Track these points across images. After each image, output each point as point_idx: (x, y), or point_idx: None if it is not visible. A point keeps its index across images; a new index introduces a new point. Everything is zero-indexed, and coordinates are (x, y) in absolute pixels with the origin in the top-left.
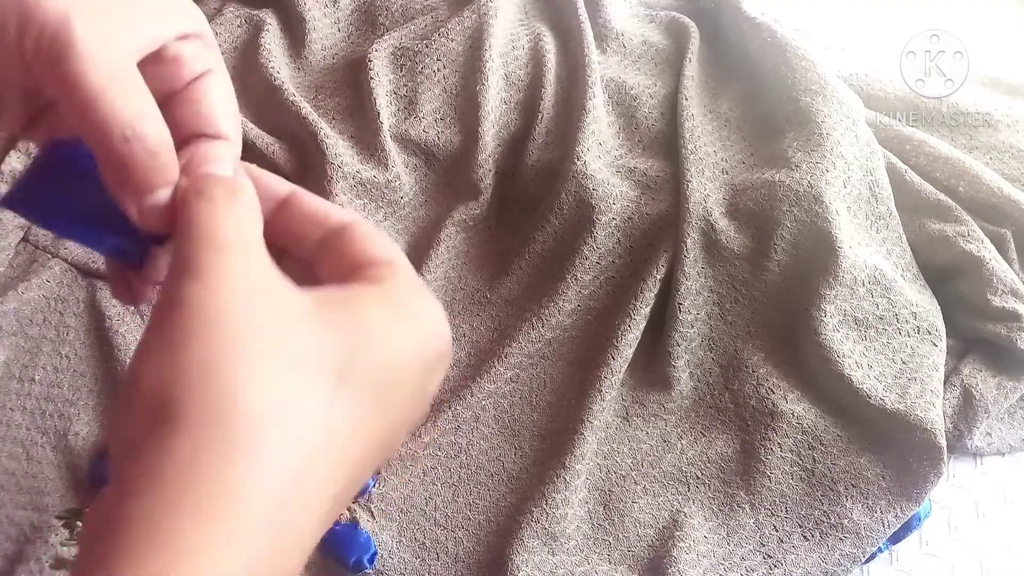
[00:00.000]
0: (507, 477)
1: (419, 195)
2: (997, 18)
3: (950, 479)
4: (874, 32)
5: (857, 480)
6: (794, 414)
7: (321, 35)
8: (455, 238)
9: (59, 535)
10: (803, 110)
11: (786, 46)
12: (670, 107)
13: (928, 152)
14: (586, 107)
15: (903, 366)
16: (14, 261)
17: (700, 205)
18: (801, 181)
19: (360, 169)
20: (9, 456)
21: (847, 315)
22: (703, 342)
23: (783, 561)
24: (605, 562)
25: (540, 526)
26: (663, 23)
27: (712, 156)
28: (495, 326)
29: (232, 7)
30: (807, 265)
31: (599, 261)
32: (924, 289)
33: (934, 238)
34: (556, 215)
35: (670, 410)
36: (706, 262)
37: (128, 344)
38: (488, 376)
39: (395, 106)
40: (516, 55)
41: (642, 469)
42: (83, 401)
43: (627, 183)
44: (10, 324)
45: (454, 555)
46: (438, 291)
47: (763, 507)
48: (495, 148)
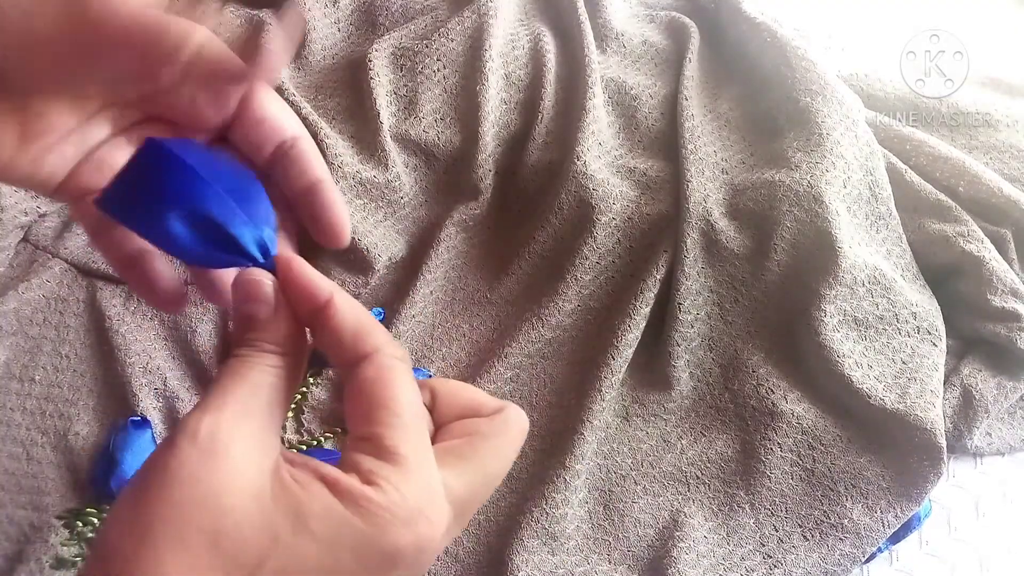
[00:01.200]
0: (507, 477)
1: (419, 195)
2: (997, 18)
3: (950, 479)
4: (874, 32)
5: (857, 480)
6: (794, 414)
7: (321, 35)
8: (455, 238)
9: (59, 535)
10: (803, 110)
11: (786, 46)
12: (670, 107)
13: (928, 152)
14: (586, 107)
15: (903, 366)
16: (14, 261)
17: (700, 205)
18: (801, 181)
19: (360, 169)
20: (9, 456)
21: (847, 315)
22: (703, 342)
23: (783, 561)
24: (605, 562)
25: (540, 526)
26: (663, 23)
27: (712, 156)
28: (495, 326)
29: (232, 7)
30: (807, 265)
31: (599, 261)
32: (924, 289)
33: (934, 238)
34: (556, 215)
35: (670, 410)
36: (706, 262)
37: (128, 344)
38: (488, 376)
39: (395, 106)
40: (516, 55)
41: (642, 469)
42: (83, 401)
43: (627, 183)
44: (10, 324)
45: (454, 555)
46: (438, 291)
47: (763, 507)
48: (495, 148)
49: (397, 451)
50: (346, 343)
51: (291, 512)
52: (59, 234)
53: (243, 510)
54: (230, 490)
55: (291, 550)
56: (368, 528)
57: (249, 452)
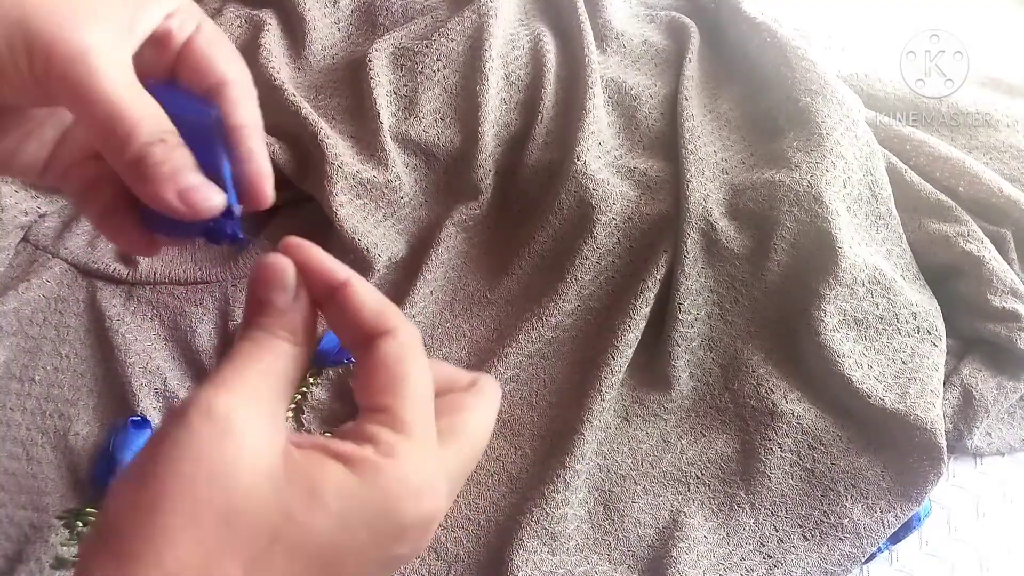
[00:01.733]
0: (507, 477)
1: (419, 195)
2: (997, 18)
3: (950, 479)
4: (874, 32)
5: (857, 480)
6: (794, 414)
7: (321, 35)
8: (455, 238)
9: (59, 535)
10: (803, 110)
11: (786, 46)
12: (670, 107)
13: (928, 152)
14: (586, 107)
15: (903, 366)
16: (14, 261)
17: (700, 205)
18: (801, 181)
19: (360, 169)
20: (9, 456)
21: (847, 315)
22: (703, 342)
23: (783, 561)
24: (605, 562)
25: (540, 526)
26: (663, 23)
27: (712, 156)
28: (495, 326)
29: (232, 7)
30: (807, 265)
31: (599, 261)
32: (924, 289)
33: (934, 238)
34: (556, 215)
35: (670, 410)
36: (706, 262)
37: (128, 344)
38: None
39: (395, 106)
40: (516, 55)
41: (642, 469)
42: (83, 401)
43: (627, 183)
44: (10, 324)
45: (454, 555)
46: (438, 291)
47: (763, 507)
48: (495, 148)
49: (414, 424)
50: (367, 319)
51: (305, 489)
52: (59, 234)
53: (256, 489)
54: (244, 469)
55: (304, 527)
56: (383, 500)
57: (262, 432)
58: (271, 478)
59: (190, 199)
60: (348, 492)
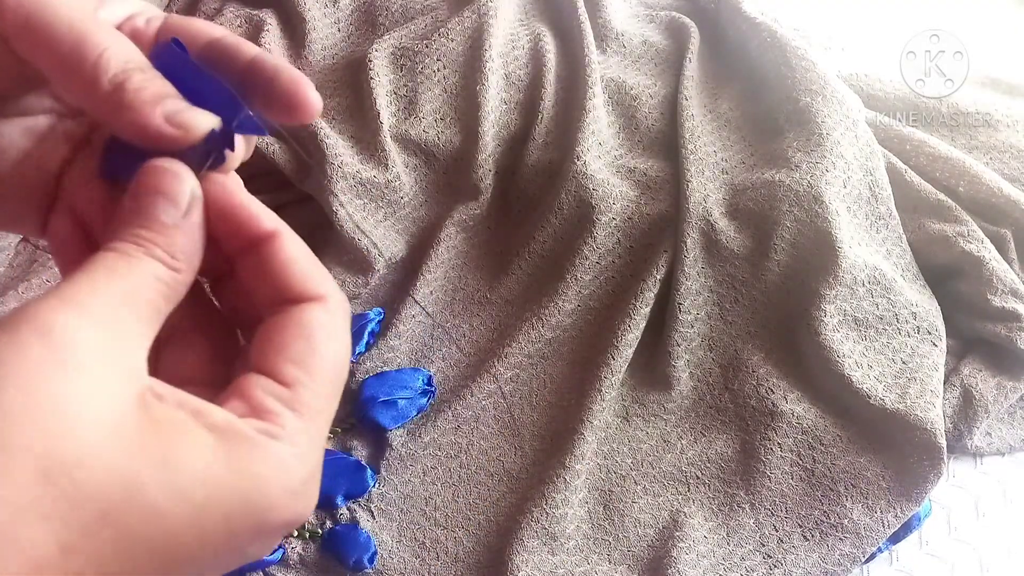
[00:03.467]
0: (507, 477)
1: (419, 195)
2: (997, 18)
3: (950, 479)
4: (874, 32)
5: (857, 480)
6: (794, 414)
7: (321, 35)
8: (455, 238)
9: None
10: (803, 110)
11: (786, 46)
12: (670, 107)
13: (928, 152)
14: (586, 107)
15: (903, 366)
16: (14, 261)
17: (700, 205)
18: (801, 181)
19: (360, 169)
20: None
21: (847, 315)
22: (703, 342)
23: (783, 561)
24: (605, 562)
25: (540, 526)
26: (663, 23)
27: (712, 156)
28: (495, 326)
29: (232, 7)
30: (807, 265)
31: (599, 261)
32: (924, 289)
33: (934, 238)
34: (556, 215)
35: (670, 410)
36: (706, 262)
37: None
38: (488, 376)
39: (395, 106)
40: (516, 55)
41: (642, 469)
42: None
43: (627, 183)
44: None
45: (454, 555)
46: (438, 291)
47: (763, 507)
48: (495, 148)
49: (319, 412)
50: (294, 279)
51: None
52: None
53: (95, 444)
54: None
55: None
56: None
57: (114, 370)
58: (117, 435)
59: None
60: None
